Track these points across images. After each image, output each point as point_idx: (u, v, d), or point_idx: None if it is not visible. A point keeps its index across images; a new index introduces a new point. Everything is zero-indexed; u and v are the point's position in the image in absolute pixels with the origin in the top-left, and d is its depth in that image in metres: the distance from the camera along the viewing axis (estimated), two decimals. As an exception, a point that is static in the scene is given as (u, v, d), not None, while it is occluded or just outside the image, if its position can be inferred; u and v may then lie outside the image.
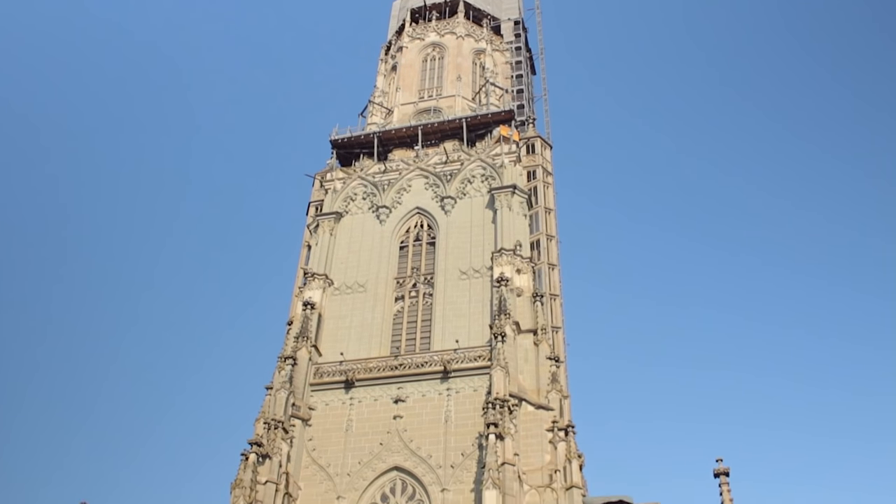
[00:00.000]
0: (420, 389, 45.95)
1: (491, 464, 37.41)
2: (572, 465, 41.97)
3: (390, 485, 43.77)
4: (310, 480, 44.27)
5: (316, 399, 47.18)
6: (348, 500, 43.15)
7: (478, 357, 45.94)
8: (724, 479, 37.45)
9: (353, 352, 48.97)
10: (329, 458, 44.80)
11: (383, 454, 44.25)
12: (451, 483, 42.19)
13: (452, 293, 50.64)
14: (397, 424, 44.96)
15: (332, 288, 52.91)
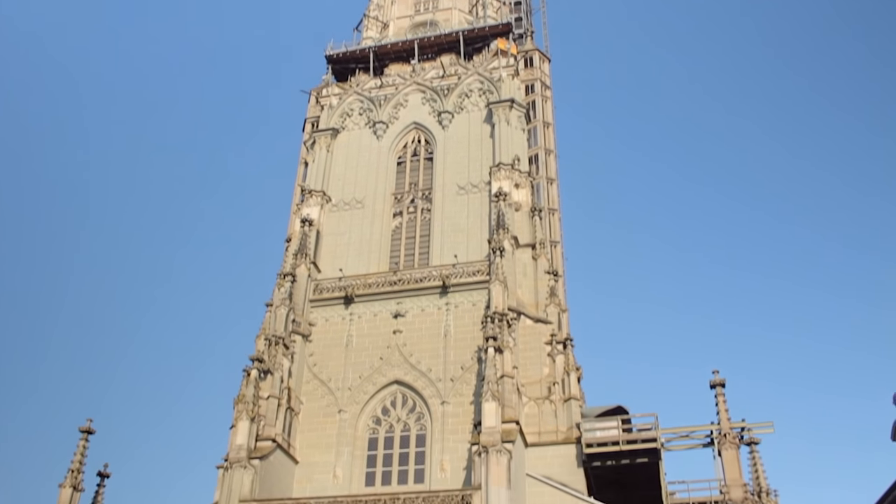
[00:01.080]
0: (419, 304, 46.25)
1: (490, 376, 37.85)
2: (570, 378, 42.55)
3: (391, 398, 44.47)
4: (311, 395, 44.96)
5: (316, 315, 47.54)
6: (350, 414, 43.89)
7: (476, 272, 46.08)
8: (719, 391, 37.93)
9: (352, 268, 49.12)
10: (330, 372, 45.40)
11: (383, 368, 44.84)
12: (450, 396, 42.84)
13: (451, 208, 50.54)
14: (397, 339, 45.42)
15: (329, 205, 52.79)
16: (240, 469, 38.29)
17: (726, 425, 36.37)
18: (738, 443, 37.10)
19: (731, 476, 35.11)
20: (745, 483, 35.36)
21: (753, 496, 37.60)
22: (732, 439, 36.08)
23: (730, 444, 35.98)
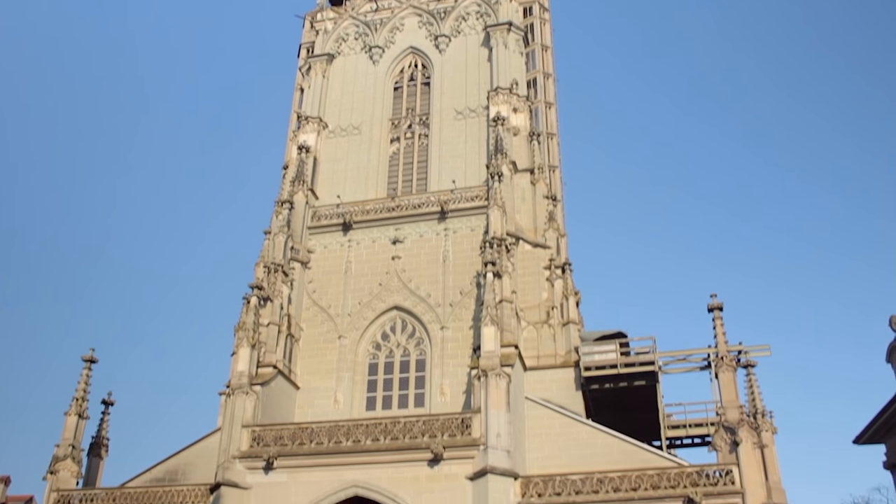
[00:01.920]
0: (418, 230, 46.18)
1: (489, 301, 37.99)
2: (569, 302, 42.74)
3: (390, 324, 44.75)
4: (311, 321, 45.21)
5: (314, 242, 47.52)
6: (350, 340, 44.21)
7: (475, 197, 45.88)
8: (717, 314, 38.05)
9: (350, 194, 48.92)
10: (329, 299, 45.58)
11: (383, 294, 45.01)
12: (450, 321, 43.09)
13: (448, 134, 50.08)
14: (396, 265, 45.48)
15: (326, 131, 52.31)
16: (241, 395, 38.70)
17: (723, 348, 36.65)
18: (735, 365, 37.39)
19: (728, 398, 35.50)
20: (741, 405, 35.75)
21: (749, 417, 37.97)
22: (729, 362, 36.38)
23: (726, 367, 36.28)
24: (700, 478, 33.37)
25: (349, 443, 36.35)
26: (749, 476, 32.92)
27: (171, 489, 38.91)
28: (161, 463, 41.77)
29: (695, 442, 45.51)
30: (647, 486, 33.45)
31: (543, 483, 34.28)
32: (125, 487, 40.05)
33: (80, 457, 42.46)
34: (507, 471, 34.01)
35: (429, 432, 35.62)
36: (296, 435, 37.27)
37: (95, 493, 40.19)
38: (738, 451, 33.54)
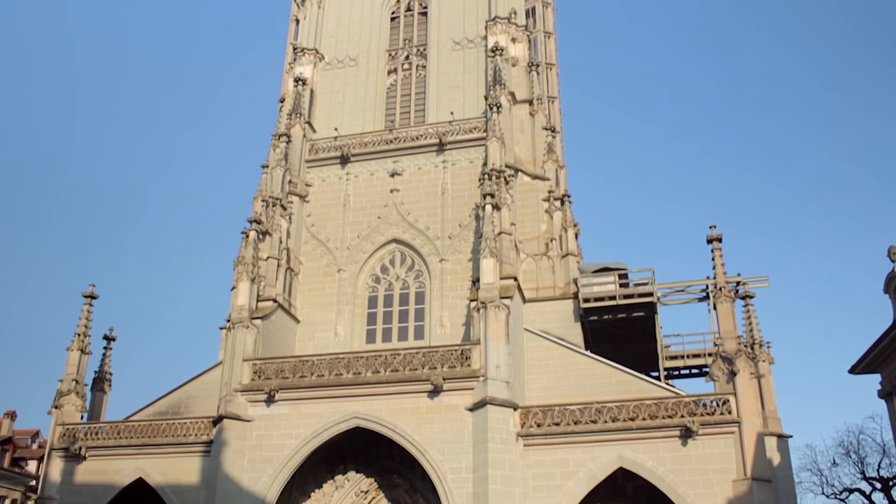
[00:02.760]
0: (416, 163, 45.83)
1: (488, 233, 37.87)
2: (568, 234, 42.67)
3: (389, 257, 44.74)
4: (310, 255, 45.19)
5: (312, 176, 47.23)
6: (349, 273, 44.24)
7: (473, 129, 45.41)
8: (716, 245, 37.91)
9: (348, 127, 48.41)
10: (328, 233, 45.47)
11: (381, 227, 44.89)
12: (448, 253, 43.06)
13: (446, 65, 49.34)
14: (394, 198, 45.25)
15: (322, 63, 51.53)
16: (242, 329, 38.86)
17: (722, 279, 36.62)
18: (733, 297, 37.43)
19: (726, 329, 35.62)
20: (738, 335, 35.88)
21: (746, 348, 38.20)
22: (728, 293, 36.40)
23: (725, 298, 36.29)
24: (697, 407, 33.66)
25: (350, 375, 36.63)
26: (746, 405, 33.19)
27: (174, 422, 39.31)
28: (164, 397, 42.16)
29: (692, 372, 45.92)
30: (644, 416, 33.76)
31: (542, 413, 34.62)
32: (129, 421, 40.47)
33: (83, 391, 42.82)
34: (506, 401, 34.32)
35: (429, 364, 35.85)
36: (296, 368, 37.54)
37: (100, 427, 40.63)
38: (736, 380, 33.75)
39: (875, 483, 52.80)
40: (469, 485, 33.50)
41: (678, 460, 32.84)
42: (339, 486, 39.48)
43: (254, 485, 36.00)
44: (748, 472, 32.03)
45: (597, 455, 33.71)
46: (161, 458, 38.62)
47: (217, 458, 36.55)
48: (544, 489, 33.52)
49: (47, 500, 39.53)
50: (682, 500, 32.27)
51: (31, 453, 71.65)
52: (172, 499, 37.80)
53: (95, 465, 39.52)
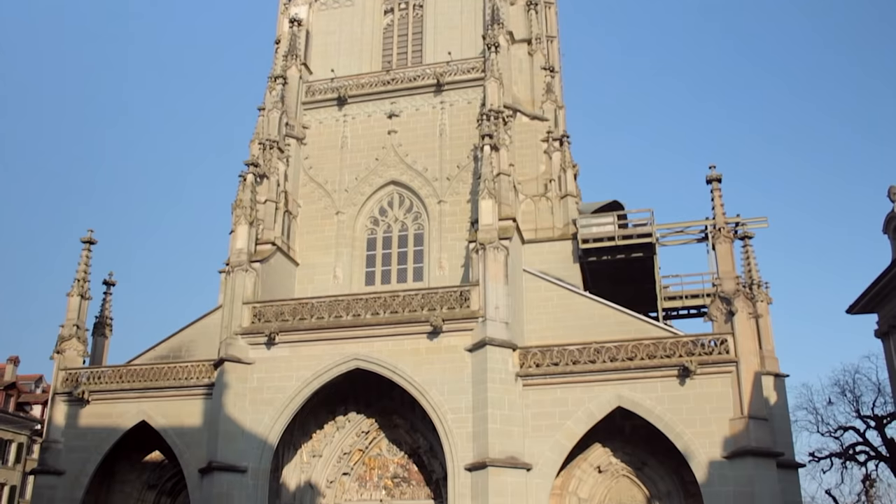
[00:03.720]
0: (413, 104, 45.35)
1: (486, 174, 37.64)
2: (567, 175, 42.47)
3: (388, 199, 44.58)
4: (308, 198, 45.02)
5: (309, 118, 46.80)
6: (347, 215, 44.12)
7: (471, 69, 44.79)
8: (715, 186, 37.65)
9: (344, 68, 47.78)
10: (326, 175, 45.23)
11: (379, 169, 44.63)
12: (447, 195, 42.88)
13: (443, 4, 48.42)
14: (392, 139, 44.90)
15: (318, 3, 50.60)
16: (241, 272, 38.85)
17: (721, 219, 36.45)
18: (732, 237, 37.29)
19: (724, 269, 35.53)
20: (737, 276, 35.84)
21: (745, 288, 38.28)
22: (727, 233, 36.24)
23: (724, 238, 36.14)
24: (695, 347, 33.79)
25: (349, 317, 36.72)
26: (743, 345, 33.30)
27: (175, 366, 39.53)
28: (165, 341, 42.36)
29: (690, 313, 46.12)
30: (643, 356, 33.91)
31: (541, 353, 34.79)
32: (131, 365, 40.71)
33: (84, 336, 42.96)
34: (505, 342, 34.48)
35: (428, 305, 35.92)
36: (296, 310, 37.63)
37: (102, 371, 40.87)
38: (734, 320, 33.78)
39: (869, 421, 53.36)
40: (469, 424, 33.83)
41: (676, 399, 33.07)
42: (340, 427, 39.92)
43: (255, 426, 36.34)
44: (745, 410, 32.26)
45: (595, 394, 33.96)
46: (163, 401, 38.89)
47: (219, 400, 36.83)
48: (543, 428, 33.86)
49: (52, 444, 39.95)
50: (680, 439, 32.59)
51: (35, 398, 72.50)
52: (175, 440, 38.20)
53: (99, 408, 39.84)
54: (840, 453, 55.78)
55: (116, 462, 41.54)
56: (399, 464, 39.76)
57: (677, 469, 34.62)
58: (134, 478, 42.13)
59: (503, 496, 32.24)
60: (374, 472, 39.91)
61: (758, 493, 31.14)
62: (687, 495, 34.89)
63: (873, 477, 56.97)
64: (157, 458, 42.01)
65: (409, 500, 39.02)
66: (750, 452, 31.55)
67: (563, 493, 36.13)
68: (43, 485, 39.56)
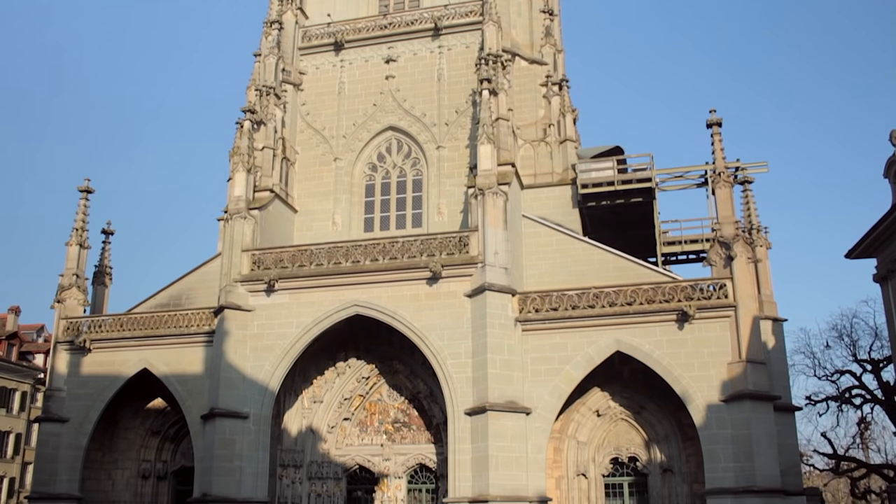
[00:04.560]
0: (411, 48, 44.76)
1: (485, 119, 37.33)
2: (566, 119, 42.12)
3: (386, 144, 44.29)
4: (306, 144, 44.73)
5: (306, 63, 46.25)
6: (345, 162, 43.88)
7: (469, 12, 44.06)
8: (716, 130, 37.36)
9: (341, 12, 47.04)
10: (323, 121, 44.88)
11: (377, 115, 44.25)
12: (445, 140, 42.58)
13: (440, -54, 47.57)
14: (390, 84, 44.43)
15: (313, -55, 49.66)
16: (240, 220, 38.76)
17: (721, 164, 36.27)
18: (732, 181, 37.18)
19: (724, 214, 35.46)
20: (736, 220, 35.78)
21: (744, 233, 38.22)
22: (726, 178, 36.10)
23: (724, 183, 36.00)
24: (694, 291, 33.85)
25: (348, 263, 36.71)
26: (742, 290, 33.37)
27: (175, 313, 39.64)
28: (165, 289, 42.40)
29: (690, 258, 46.05)
30: (642, 301, 33.98)
31: (540, 298, 34.86)
32: (131, 313, 40.83)
33: (84, 285, 43.03)
34: (504, 287, 34.52)
35: (427, 251, 35.88)
36: (295, 257, 37.62)
37: (103, 320, 41.00)
38: (733, 265, 33.81)
39: (866, 365, 53.68)
40: (468, 369, 34.05)
41: (674, 344, 33.24)
42: (341, 373, 40.21)
43: (256, 373, 36.59)
44: (743, 354, 32.46)
45: (594, 339, 34.12)
46: (164, 349, 39.10)
47: (219, 347, 37.02)
48: (542, 373, 34.09)
49: (55, 392, 40.25)
50: (678, 383, 32.83)
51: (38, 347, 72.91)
52: (177, 388, 38.49)
53: (100, 357, 40.08)
54: (836, 397, 56.24)
55: (119, 409, 41.94)
56: (399, 409, 40.13)
57: (675, 413, 34.96)
58: (137, 424, 42.60)
59: (503, 440, 32.57)
60: (374, 417, 40.31)
61: (755, 435, 31.48)
62: (685, 438, 35.30)
63: (868, 420, 57.63)
64: (160, 405, 42.41)
65: (409, 444, 39.47)
66: (747, 396, 31.82)
67: (562, 437, 36.56)
68: (47, 432, 39.95)
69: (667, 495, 35.27)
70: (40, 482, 39.47)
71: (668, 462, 35.67)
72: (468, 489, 32.68)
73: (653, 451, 36.04)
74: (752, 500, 30.98)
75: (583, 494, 36.17)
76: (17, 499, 64.49)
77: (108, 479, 41.88)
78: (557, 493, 35.81)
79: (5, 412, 65.98)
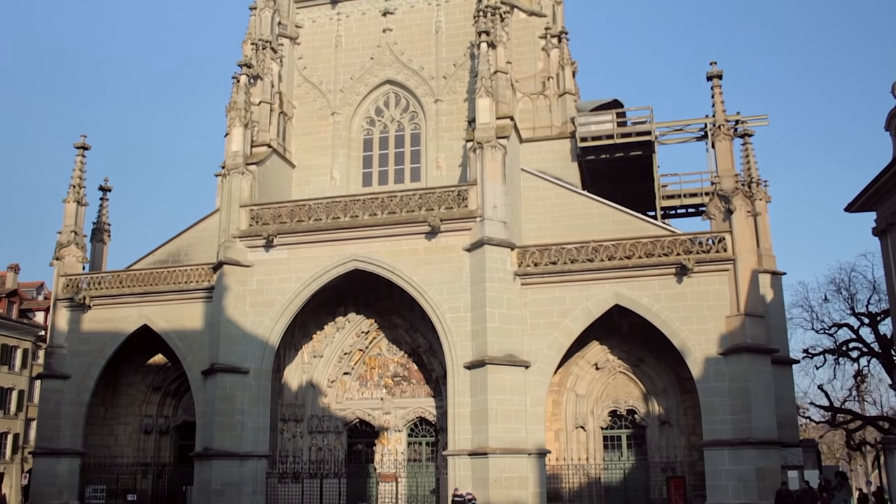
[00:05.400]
0: (408, 0, 44.17)
1: (483, 72, 36.92)
2: (565, 72, 41.72)
3: (384, 98, 43.93)
4: (303, 98, 44.38)
5: (302, 16, 45.67)
6: (343, 116, 43.56)
7: (466, -36, 43.49)
8: (716, 83, 37.00)
9: (337, -36, 46.39)
10: (321, 75, 44.46)
11: (375, 68, 43.84)
12: (443, 94, 42.22)
13: None
14: (387, 38, 43.92)
15: None
16: (237, 175, 38.60)
17: (721, 117, 35.98)
18: (732, 135, 36.92)
19: (724, 167, 35.27)
20: (736, 174, 35.59)
21: (744, 186, 38.07)
22: (726, 131, 35.83)
23: (723, 136, 35.74)
24: (693, 245, 33.78)
25: (347, 218, 36.61)
26: (741, 243, 33.31)
27: (175, 270, 39.64)
28: (163, 245, 42.35)
29: (689, 212, 45.93)
30: (641, 254, 33.93)
31: (539, 252, 34.83)
32: (131, 270, 40.83)
33: (83, 242, 42.99)
34: (503, 241, 34.48)
35: (425, 206, 35.75)
36: (294, 212, 37.51)
37: (102, 277, 41.01)
38: (732, 218, 33.70)
39: (863, 318, 53.80)
40: (468, 323, 34.14)
41: (673, 297, 33.28)
42: (340, 328, 40.34)
43: (256, 328, 36.69)
44: (741, 308, 32.49)
45: (593, 293, 34.15)
46: (164, 305, 39.20)
47: (219, 303, 37.09)
48: (541, 326, 34.18)
49: (56, 349, 40.42)
50: (677, 336, 32.93)
51: (38, 304, 72.96)
52: (178, 344, 38.66)
53: (101, 313, 40.19)
54: (833, 350, 56.47)
55: (121, 366, 42.18)
56: (399, 363, 40.34)
57: (673, 366, 35.15)
58: (138, 380, 42.86)
59: (502, 393, 32.77)
60: (374, 371, 40.54)
61: (752, 388, 31.65)
62: (682, 391, 35.55)
63: (865, 373, 57.89)
64: (161, 361, 42.62)
65: (409, 398, 39.74)
66: (745, 349, 31.93)
67: (561, 390, 36.80)
68: (50, 388, 40.22)
69: (664, 447, 35.59)
70: (44, 438, 39.82)
71: (666, 414, 35.95)
72: (468, 442, 32.96)
73: (651, 404, 36.31)
74: (748, 452, 31.24)
75: (581, 446, 36.51)
76: (22, 454, 65.05)
77: (111, 434, 42.26)
78: (556, 446, 36.15)
79: (7, 369, 66.22)
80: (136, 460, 41.12)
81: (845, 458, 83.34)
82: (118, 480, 39.90)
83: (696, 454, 34.21)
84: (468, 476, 32.60)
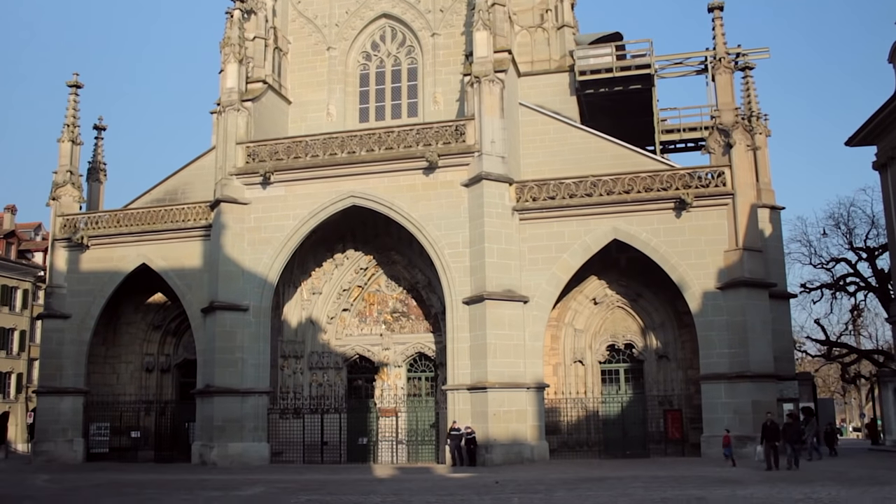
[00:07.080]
0: (404, -70, 43.23)
1: (480, 5, 36.24)
2: (563, 5, 41.14)
3: (380, 33, 43.28)
4: (298, 33, 43.70)
5: (295, -51, 44.73)
6: (339, 51, 42.95)
7: None
8: (717, 14, 36.40)
9: None
10: (315, 9, 43.70)
11: (370, 2, 43.09)
12: (440, 27, 41.55)
13: None
14: (383, -31, 43.12)
15: None
16: (233, 112, 38.23)
17: (722, 50, 35.47)
18: (733, 68, 36.49)
19: (724, 100, 34.89)
20: (736, 107, 35.25)
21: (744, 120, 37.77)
22: (727, 64, 35.36)
23: (724, 69, 35.27)
24: (692, 179, 33.59)
25: (344, 154, 36.32)
26: (740, 177, 33.15)
27: (172, 208, 39.51)
28: (160, 184, 42.15)
29: (688, 146, 45.74)
30: (639, 189, 33.77)
31: (538, 187, 34.65)
32: (128, 209, 40.69)
33: (79, 182, 42.81)
34: (501, 176, 34.29)
35: (423, 141, 35.46)
36: (290, 149, 37.22)
37: (99, 216, 40.89)
38: (731, 153, 33.46)
39: (861, 253, 53.98)
40: (466, 258, 34.13)
41: (671, 232, 33.23)
42: (339, 264, 40.36)
43: (255, 265, 36.70)
44: (740, 242, 32.47)
45: (591, 228, 34.09)
46: (163, 244, 39.20)
47: (217, 241, 37.05)
48: (540, 261, 34.18)
49: (56, 289, 40.51)
50: (675, 271, 32.97)
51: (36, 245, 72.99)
52: (177, 282, 38.75)
53: (99, 253, 40.21)
54: (831, 284, 56.77)
55: (121, 305, 42.31)
56: (398, 299, 40.44)
57: (671, 300, 35.27)
58: (139, 319, 43.03)
59: (501, 328, 32.93)
60: (373, 307, 40.66)
61: (749, 322, 31.81)
62: (680, 325, 35.73)
63: (861, 307, 58.29)
64: (160, 299, 42.73)
65: (408, 333, 39.93)
66: (743, 283, 32.01)
67: (560, 325, 36.98)
68: (51, 328, 40.43)
69: (662, 381, 35.89)
70: (46, 377, 40.16)
71: (664, 348, 36.18)
72: (467, 377, 33.22)
73: (649, 338, 36.52)
74: (745, 385, 31.55)
75: (580, 380, 36.82)
76: (26, 393, 65.71)
77: (113, 372, 42.58)
78: (555, 380, 36.46)
79: (8, 310, 66.53)
80: (138, 398, 41.47)
81: (840, 392, 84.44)
82: (121, 418, 40.31)
83: (692, 388, 34.52)
84: (467, 410, 32.94)
